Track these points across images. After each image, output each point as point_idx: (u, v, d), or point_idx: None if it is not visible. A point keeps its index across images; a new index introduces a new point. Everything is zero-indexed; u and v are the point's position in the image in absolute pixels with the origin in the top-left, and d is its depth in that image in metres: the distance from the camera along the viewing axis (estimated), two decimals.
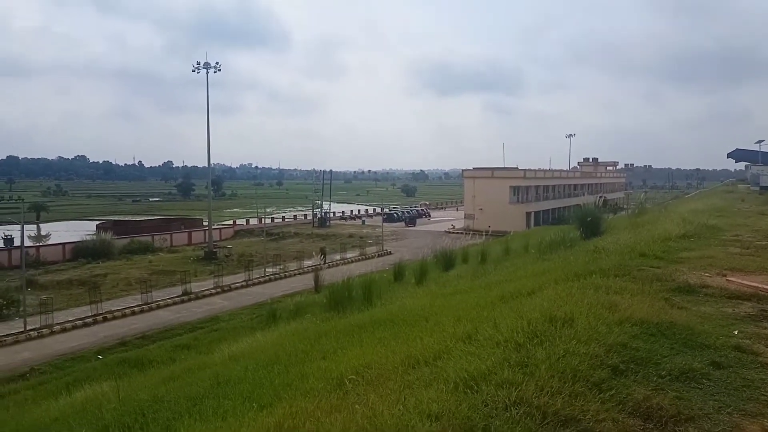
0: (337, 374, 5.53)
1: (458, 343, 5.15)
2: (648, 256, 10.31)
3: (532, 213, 69.50)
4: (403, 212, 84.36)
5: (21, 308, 24.94)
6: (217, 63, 47.43)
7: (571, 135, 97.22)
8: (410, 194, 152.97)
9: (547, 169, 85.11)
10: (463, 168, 79.10)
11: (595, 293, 6.58)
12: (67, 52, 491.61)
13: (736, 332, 5.35)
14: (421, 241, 47.97)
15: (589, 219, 18.85)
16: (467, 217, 68.84)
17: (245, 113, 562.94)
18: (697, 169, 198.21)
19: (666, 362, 4.39)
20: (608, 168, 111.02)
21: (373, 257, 44.34)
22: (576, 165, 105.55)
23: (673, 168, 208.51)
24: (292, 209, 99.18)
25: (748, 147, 73.29)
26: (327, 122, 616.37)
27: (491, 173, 70.97)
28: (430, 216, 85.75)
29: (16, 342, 22.30)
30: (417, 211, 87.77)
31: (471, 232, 52.81)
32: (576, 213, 23.09)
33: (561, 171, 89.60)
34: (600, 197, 73.60)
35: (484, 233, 52.04)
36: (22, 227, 31.72)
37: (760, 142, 67.85)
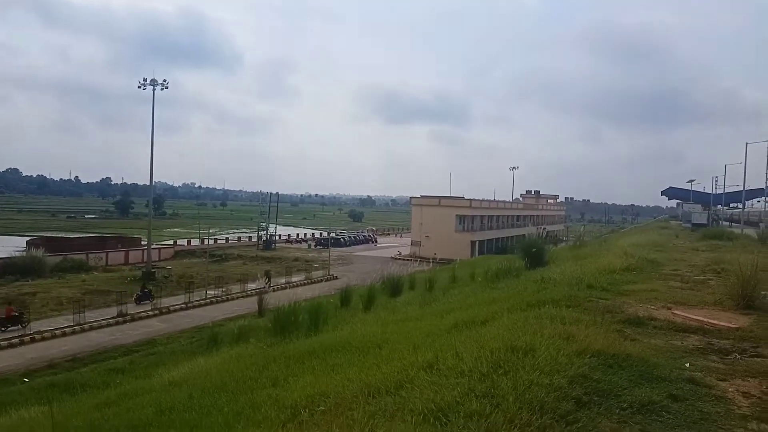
0: (290, 402, 5.33)
1: (420, 372, 5.07)
2: (595, 287, 10.57)
3: (477, 242, 70.69)
4: (350, 237, 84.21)
5: None
6: (164, 80, 46.54)
7: (514, 167, 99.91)
8: (357, 219, 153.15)
9: (492, 199, 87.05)
10: (411, 195, 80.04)
11: (552, 323, 6.65)
12: (4, 60, 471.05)
13: (687, 365, 5.49)
14: (367, 266, 47.88)
15: (533, 249, 19.30)
16: (414, 243, 69.37)
17: (191, 132, 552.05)
18: (632, 205, 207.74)
19: (626, 394, 4.44)
20: (549, 201, 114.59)
21: (319, 281, 43.87)
22: (519, 197, 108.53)
23: (610, 203, 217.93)
24: (236, 231, 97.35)
25: (681, 186, 77.30)
26: (275, 145, 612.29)
27: (438, 201, 71.98)
28: (376, 242, 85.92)
29: None
30: (364, 236, 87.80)
31: (417, 259, 53.24)
32: (521, 243, 23.66)
33: (505, 202, 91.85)
34: (543, 228, 75.76)
35: (430, 260, 52.57)
36: None
37: (691, 181, 71.69)
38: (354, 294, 18.65)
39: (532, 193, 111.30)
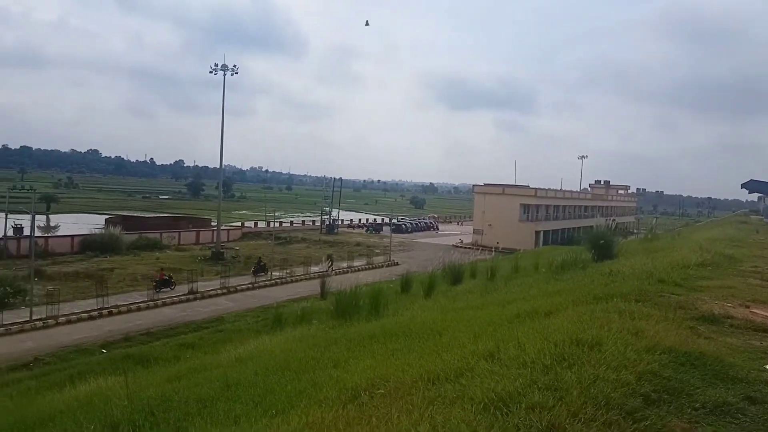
0: (351, 384, 5.40)
1: (480, 361, 5.02)
2: (667, 282, 10.13)
3: (542, 232, 69.20)
4: (411, 223, 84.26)
5: (27, 298, 24.94)
6: (234, 66, 47.77)
7: (583, 156, 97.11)
8: (419, 206, 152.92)
9: (558, 189, 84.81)
10: (474, 183, 79.07)
11: (620, 318, 6.43)
12: (85, 46, 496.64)
13: (767, 366, 5.19)
14: (428, 253, 47.82)
15: (601, 241, 18.66)
16: (476, 232, 68.67)
17: (258, 116, 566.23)
18: (709, 198, 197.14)
19: (699, 394, 4.24)
20: (620, 191, 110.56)
21: (380, 267, 44.22)
22: (587, 187, 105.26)
23: (684, 195, 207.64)
24: (300, 214, 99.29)
25: (763, 178, 72.71)
26: (339, 130, 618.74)
27: (502, 190, 70.83)
28: (438, 229, 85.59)
29: (21, 331, 22.31)
30: (425, 223, 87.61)
31: (479, 248, 52.69)
32: (588, 234, 22.93)
33: (572, 192, 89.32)
34: (612, 220, 73.24)
35: (492, 249, 51.91)
36: (33, 217, 31.82)
37: None
38: (414, 280, 18.67)
39: (602, 183, 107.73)
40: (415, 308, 12.61)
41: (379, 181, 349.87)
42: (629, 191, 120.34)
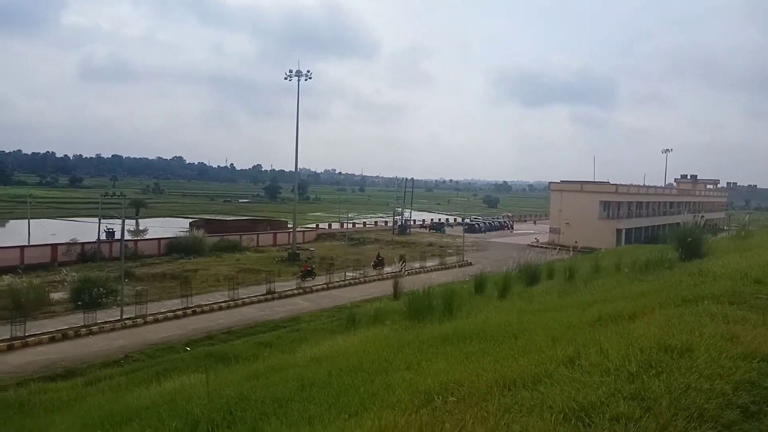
0: (424, 388, 5.30)
1: (559, 367, 4.79)
2: (764, 283, 9.38)
3: (623, 230, 66.34)
4: (485, 223, 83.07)
5: (119, 298, 26.46)
6: (308, 71, 48.77)
7: (667, 150, 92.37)
8: (492, 205, 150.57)
9: (641, 185, 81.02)
10: (550, 180, 76.88)
11: (712, 322, 5.98)
12: (169, 59, 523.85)
13: None
14: (503, 253, 46.94)
15: (689, 239, 17.58)
16: (552, 231, 66.77)
17: (331, 119, 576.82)
18: None
19: None
20: (708, 186, 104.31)
21: (453, 267, 43.82)
22: (672, 182, 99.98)
23: None
24: (372, 215, 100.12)
25: None
26: (411, 130, 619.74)
27: (580, 187, 68.48)
28: (512, 228, 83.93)
29: (113, 329, 23.67)
30: (499, 222, 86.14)
31: (556, 247, 51.15)
32: (674, 232, 21.68)
33: (656, 187, 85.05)
34: (700, 216, 69.23)
35: (570, 248, 50.28)
36: (123, 222, 33.78)
37: None
38: (489, 281, 18.30)
39: (688, 177, 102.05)
40: (490, 310, 12.33)
41: (451, 180, 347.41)
42: (719, 186, 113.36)
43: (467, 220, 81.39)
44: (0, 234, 60.15)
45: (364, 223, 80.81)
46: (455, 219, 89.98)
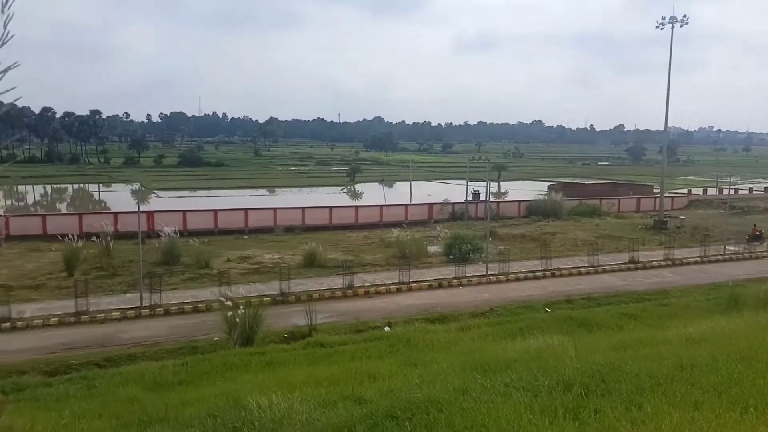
0: None
1: None
2: None
3: None
4: None
5: (483, 255, 28.56)
6: (684, 16, 43.11)
7: None
8: None
9: None
10: None
11: None
12: (531, 22, 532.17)
13: None
14: None
15: None
16: None
17: (709, 70, 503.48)
18: None
19: None
20: None
21: None
22: None
23: None
24: (762, 180, 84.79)
25: None
26: None
27: None
28: None
29: (479, 283, 25.72)
30: None
31: None
32: None
33: None
34: None
35: None
36: (488, 184, 36.13)
37: None
38: None
39: None
40: None
41: None
42: None
43: None
44: (389, 193, 71.15)
45: (751, 189, 68.97)
46: None
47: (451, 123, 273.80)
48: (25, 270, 26.20)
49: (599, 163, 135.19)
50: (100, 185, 74.03)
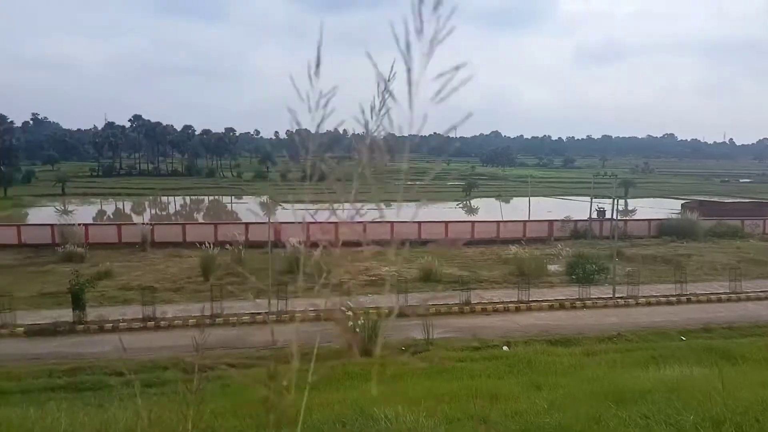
0: None
1: None
2: None
3: None
4: None
5: (610, 276, 27.06)
6: None
7: None
8: None
9: None
10: None
11: None
12: (663, 30, 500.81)
13: None
14: None
15: None
16: None
17: None
18: None
19: None
20: None
21: None
22: None
23: None
24: None
25: None
26: None
27: None
28: None
29: (605, 306, 24.40)
30: None
31: None
32: None
33: None
34: None
35: None
36: (614, 201, 34.28)
37: None
38: None
39: None
40: None
41: None
42: None
43: None
44: (506, 209, 69.73)
45: None
46: None
47: (572, 137, 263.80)
48: (168, 274, 28.66)
49: (740, 180, 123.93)
50: (233, 197, 79.39)
